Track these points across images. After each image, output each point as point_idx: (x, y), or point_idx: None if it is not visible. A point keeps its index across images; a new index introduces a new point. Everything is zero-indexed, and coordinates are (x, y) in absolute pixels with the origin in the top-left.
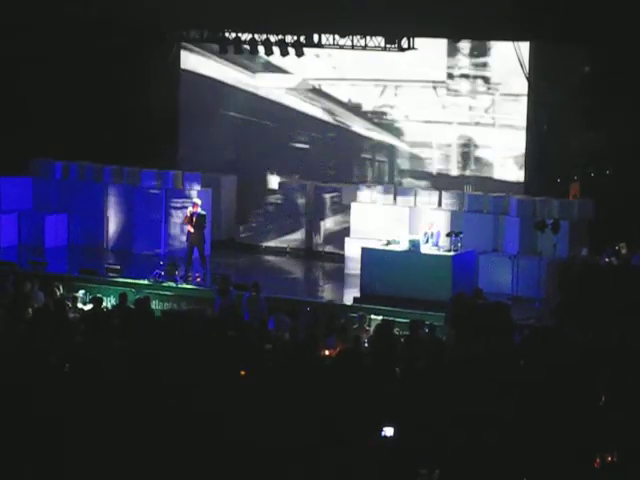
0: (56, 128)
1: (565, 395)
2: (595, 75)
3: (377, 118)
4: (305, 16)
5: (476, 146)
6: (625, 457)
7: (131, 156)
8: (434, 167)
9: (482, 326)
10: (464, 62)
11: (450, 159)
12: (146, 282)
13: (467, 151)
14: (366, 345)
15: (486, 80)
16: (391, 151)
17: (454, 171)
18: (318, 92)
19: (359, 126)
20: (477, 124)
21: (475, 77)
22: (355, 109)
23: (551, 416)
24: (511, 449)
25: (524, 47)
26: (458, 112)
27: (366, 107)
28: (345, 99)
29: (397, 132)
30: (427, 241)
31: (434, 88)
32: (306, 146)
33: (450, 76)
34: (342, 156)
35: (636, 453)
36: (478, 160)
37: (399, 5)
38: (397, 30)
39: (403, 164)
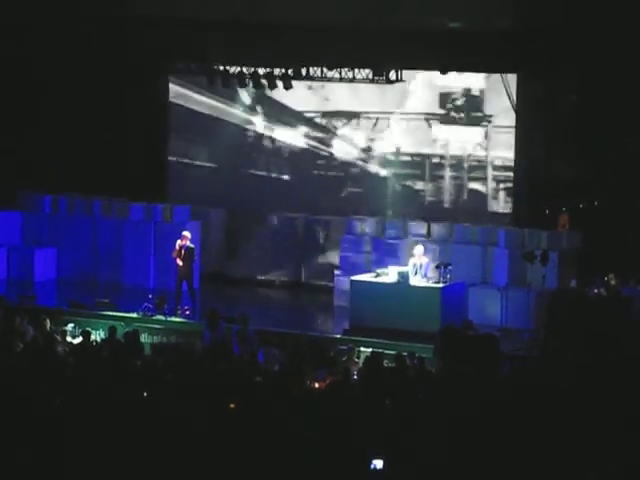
0: (44, 160)
1: (553, 426)
2: (583, 105)
3: (368, 149)
4: (293, 49)
5: (468, 178)
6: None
7: (120, 187)
8: (426, 199)
9: (471, 357)
10: (456, 95)
11: (442, 190)
12: (135, 315)
13: (459, 183)
14: (355, 377)
15: (478, 112)
16: (381, 182)
17: (446, 203)
18: (309, 122)
19: (349, 157)
20: (469, 155)
21: (467, 109)
22: (347, 139)
23: (541, 446)
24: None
25: (512, 79)
26: (450, 143)
27: (358, 139)
28: (337, 130)
29: (388, 163)
30: (416, 273)
31: (426, 120)
32: (295, 178)
33: (443, 107)
34: (332, 188)
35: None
36: (469, 191)
37: (386, 37)
38: (384, 62)
39: (394, 195)
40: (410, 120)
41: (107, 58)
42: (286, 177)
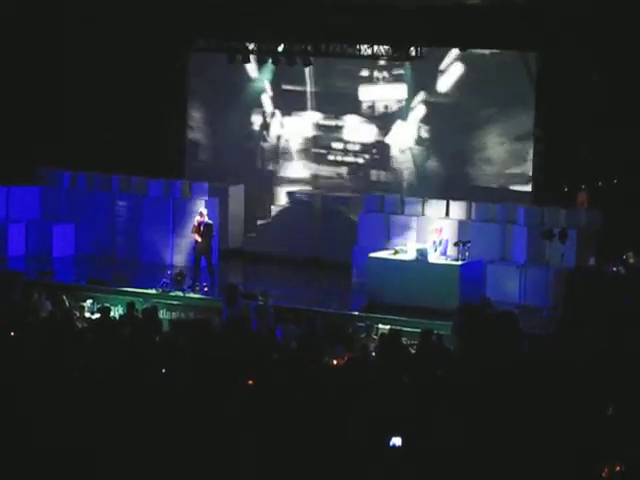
0: (64, 137)
1: (572, 404)
2: (603, 83)
3: (385, 127)
4: (312, 25)
5: (484, 156)
6: (633, 467)
7: (138, 165)
8: (442, 177)
9: (490, 335)
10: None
11: (458, 168)
12: (154, 292)
13: (475, 160)
14: (373, 354)
15: (493, 90)
16: (399, 160)
17: (461, 180)
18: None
19: (368, 133)
20: (485, 133)
21: (483, 88)
22: (367, 113)
23: (558, 425)
24: (518, 458)
25: (531, 56)
26: (466, 122)
27: (378, 112)
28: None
29: (404, 139)
30: (435, 250)
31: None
32: (316, 152)
33: (457, 87)
34: (351, 165)
35: None
36: (486, 169)
37: (405, 14)
38: (404, 38)
39: (411, 174)
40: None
41: (127, 36)
42: (306, 155)
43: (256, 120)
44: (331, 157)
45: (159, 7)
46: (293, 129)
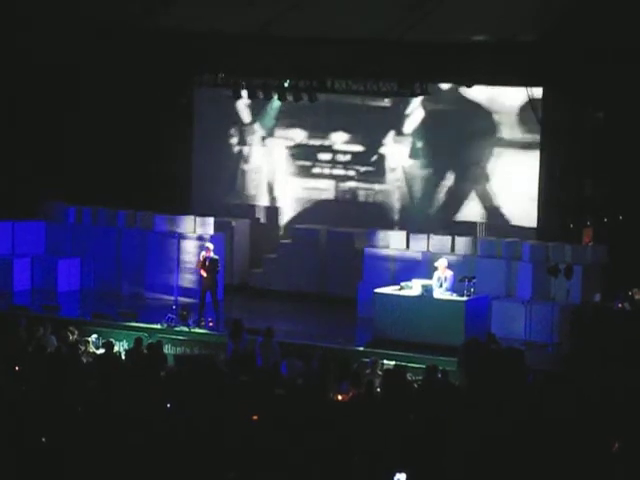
0: (69, 172)
1: (578, 441)
2: (607, 121)
3: (386, 161)
4: (318, 61)
5: (489, 193)
6: None
7: (144, 200)
8: (448, 212)
9: (495, 371)
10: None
11: (464, 204)
12: (159, 326)
13: (481, 197)
14: (378, 390)
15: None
16: (403, 196)
17: (468, 217)
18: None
19: (368, 169)
20: (488, 173)
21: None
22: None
23: (563, 460)
24: None
25: (537, 94)
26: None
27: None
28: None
29: (408, 177)
30: (440, 286)
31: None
32: (319, 190)
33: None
34: (355, 201)
35: None
36: (492, 206)
37: (411, 50)
38: (410, 75)
39: (416, 209)
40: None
41: (133, 71)
42: (310, 190)
43: (260, 154)
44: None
45: (164, 42)
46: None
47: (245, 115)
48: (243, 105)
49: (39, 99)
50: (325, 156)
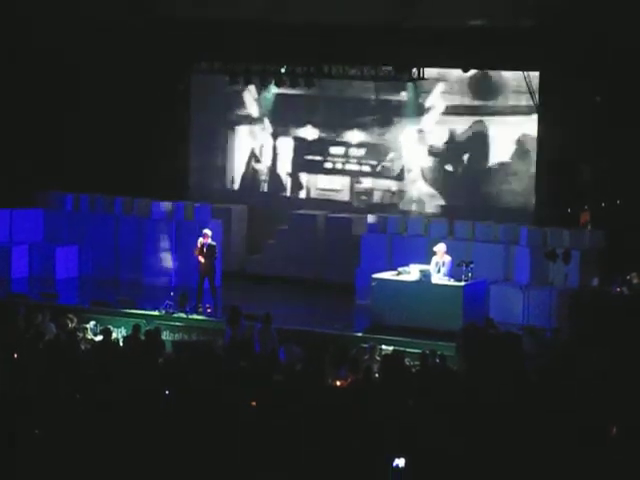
0: (66, 159)
1: (574, 425)
2: (606, 104)
3: (385, 147)
4: (315, 47)
5: (486, 175)
6: None
7: (141, 187)
8: (445, 197)
9: (493, 356)
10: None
11: (460, 187)
12: (157, 313)
13: (477, 179)
14: (377, 376)
15: (496, 110)
16: (401, 179)
17: (463, 200)
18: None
19: (368, 155)
20: (487, 154)
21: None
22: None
23: (560, 446)
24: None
25: (534, 78)
26: (466, 142)
27: (373, 139)
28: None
29: (407, 160)
30: (438, 271)
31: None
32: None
33: (456, 107)
34: (353, 184)
35: None
36: (488, 189)
37: (408, 35)
38: (407, 60)
39: (414, 194)
40: (427, 119)
41: (130, 58)
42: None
43: (259, 140)
44: (333, 168)
45: (161, 28)
46: (293, 147)
47: (245, 102)
48: (243, 92)
49: (37, 88)
50: (337, 150)
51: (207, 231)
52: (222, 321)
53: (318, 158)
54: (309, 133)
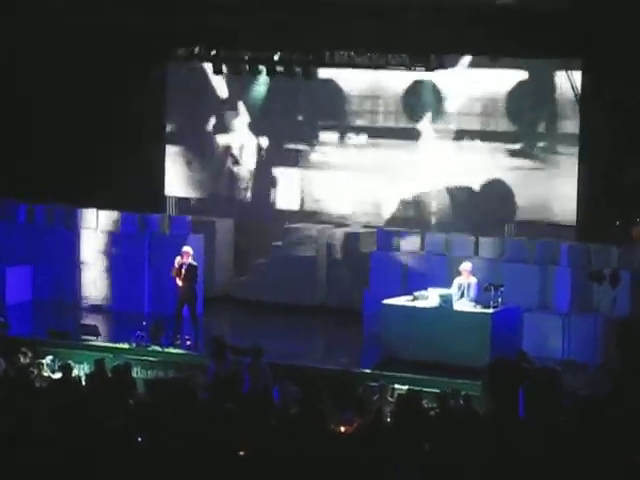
0: (21, 164)
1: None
2: None
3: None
4: (314, 31)
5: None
6: None
7: (108, 196)
8: (471, 210)
9: (527, 397)
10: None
11: (489, 199)
12: (126, 346)
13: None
14: (389, 420)
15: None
16: (418, 187)
17: (493, 214)
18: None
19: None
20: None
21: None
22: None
23: None
24: None
25: (577, 78)
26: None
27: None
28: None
29: (427, 168)
30: (462, 295)
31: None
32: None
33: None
34: (361, 193)
35: None
36: (522, 202)
37: (425, 17)
38: (423, 46)
39: (432, 204)
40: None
41: (100, 51)
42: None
43: (243, 143)
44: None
45: (132, 12)
46: (284, 149)
47: (225, 92)
48: (223, 81)
49: None
50: (338, 153)
51: (187, 249)
52: (204, 355)
53: (316, 160)
54: (306, 132)
